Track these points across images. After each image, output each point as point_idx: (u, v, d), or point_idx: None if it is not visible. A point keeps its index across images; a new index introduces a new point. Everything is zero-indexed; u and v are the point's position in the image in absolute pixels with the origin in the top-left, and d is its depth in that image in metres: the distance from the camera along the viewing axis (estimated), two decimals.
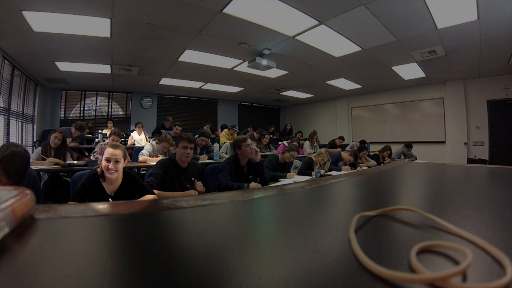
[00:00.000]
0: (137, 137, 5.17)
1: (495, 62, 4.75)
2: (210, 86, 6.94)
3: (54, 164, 2.72)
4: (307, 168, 3.00)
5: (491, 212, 0.35)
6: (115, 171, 1.58)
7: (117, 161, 1.58)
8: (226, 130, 5.63)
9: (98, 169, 1.62)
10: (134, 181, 1.72)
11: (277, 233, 0.28)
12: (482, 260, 0.20)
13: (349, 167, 3.42)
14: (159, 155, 3.20)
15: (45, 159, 2.76)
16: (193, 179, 2.07)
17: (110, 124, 5.95)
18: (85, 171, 1.93)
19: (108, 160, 1.56)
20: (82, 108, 7.07)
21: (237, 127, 5.71)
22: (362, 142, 5.79)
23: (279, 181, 2.55)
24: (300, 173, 2.94)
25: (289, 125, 7.88)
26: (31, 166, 2.33)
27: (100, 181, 1.60)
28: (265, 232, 0.28)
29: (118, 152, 1.60)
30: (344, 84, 6.65)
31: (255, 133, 5.03)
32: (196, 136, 3.81)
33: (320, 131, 6.84)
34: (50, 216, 0.29)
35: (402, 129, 7.11)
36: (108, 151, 1.58)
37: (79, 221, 0.29)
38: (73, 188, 1.77)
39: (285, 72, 5.56)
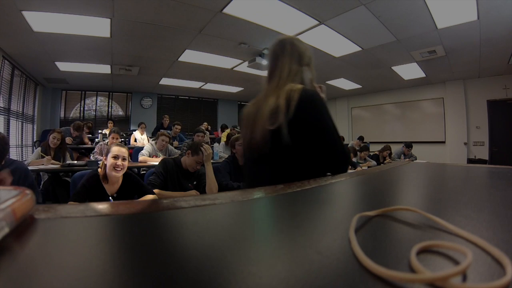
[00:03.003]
0: (139, 137, 5.19)
1: (495, 62, 4.75)
2: (210, 86, 6.94)
3: (52, 164, 2.73)
4: None
5: (491, 212, 0.35)
6: (122, 169, 1.60)
7: (124, 159, 1.61)
8: (227, 130, 5.65)
9: (100, 170, 1.62)
10: (135, 182, 1.72)
11: (277, 233, 0.28)
12: (482, 260, 0.20)
13: (350, 167, 3.41)
14: (159, 154, 3.20)
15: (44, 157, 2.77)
16: (194, 182, 2.07)
17: (110, 124, 5.95)
18: (85, 171, 1.93)
19: (116, 157, 1.59)
20: (82, 108, 7.07)
21: (238, 128, 5.73)
22: (360, 138, 5.71)
23: None
24: None
25: None
26: (29, 167, 2.33)
27: (101, 182, 1.60)
28: (265, 232, 0.28)
29: (125, 150, 1.65)
30: (344, 84, 6.65)
31: None
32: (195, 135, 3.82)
33: None
34: (50, 216, 0.29)
35: (402, 129, 7.11)
36: (115, 149, 1.62)
37: (79, 221, 0.29)
38: (73, 188, 1.77)
39: None
